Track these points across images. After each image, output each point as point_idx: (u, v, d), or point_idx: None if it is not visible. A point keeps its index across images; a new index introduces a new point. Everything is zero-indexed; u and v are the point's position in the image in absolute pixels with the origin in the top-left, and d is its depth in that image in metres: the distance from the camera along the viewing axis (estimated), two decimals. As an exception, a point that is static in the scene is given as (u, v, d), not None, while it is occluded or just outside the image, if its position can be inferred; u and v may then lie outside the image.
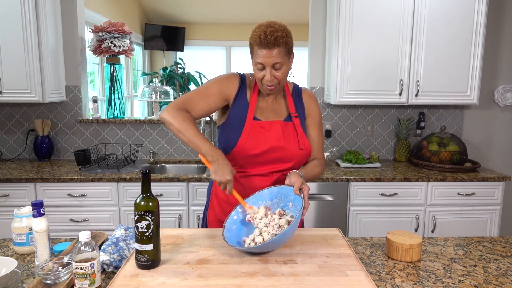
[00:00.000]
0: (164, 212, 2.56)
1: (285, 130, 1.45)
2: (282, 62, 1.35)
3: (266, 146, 1.42)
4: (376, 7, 2.66)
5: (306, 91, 1.57)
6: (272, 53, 1.32)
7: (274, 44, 1.31)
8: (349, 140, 3.16)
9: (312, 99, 1.56)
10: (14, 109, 3.05)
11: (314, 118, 1.55)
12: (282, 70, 1.37)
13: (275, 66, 1.35)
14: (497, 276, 1.20)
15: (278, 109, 1.50)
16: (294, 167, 1.47)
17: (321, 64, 3.09)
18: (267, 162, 1.44)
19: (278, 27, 1.33)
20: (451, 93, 2.77)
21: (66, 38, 2.98)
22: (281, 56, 1.34)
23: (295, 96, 1.53)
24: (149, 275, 1.09)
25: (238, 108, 1.45)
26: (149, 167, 1.12)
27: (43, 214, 1.23)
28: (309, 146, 1.48)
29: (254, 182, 1.46)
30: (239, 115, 1.44)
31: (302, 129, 1.48)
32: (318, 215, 2.58)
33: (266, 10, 6.57)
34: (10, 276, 1.09)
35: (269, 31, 1.31)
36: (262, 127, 1.43)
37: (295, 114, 1.49)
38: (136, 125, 3.10)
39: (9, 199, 2.51)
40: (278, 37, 1.31)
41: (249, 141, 1.41)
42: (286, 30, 1.35)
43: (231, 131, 1.44)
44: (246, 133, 1.41)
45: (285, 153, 1.44)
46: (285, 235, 1.15)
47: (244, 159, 1.44)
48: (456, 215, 2.64)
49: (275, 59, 1.33)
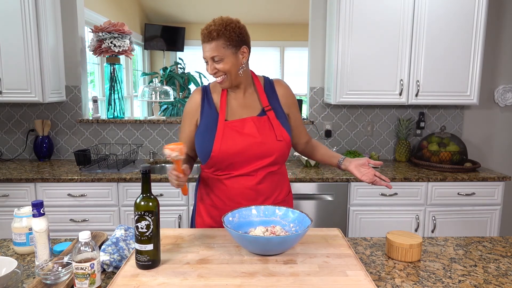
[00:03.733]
0: (164, 212, 2.56)
1: (259, 125, 1.45)
2: (220, 56, 1.38)
3: (242, 144, 1.41)
4: (376, 7, 2.66)
5: (278, 81, 1.57)
6: (208, 46, 1.38)
7: (209, 38, 1.36)
8: (349, 140, 3.16)
9: (286, 89, 1.57)
10: (14, 109, 3.05)
11: (293, 106, 1.57)
12: (224, 63, 1.39)
13: (214, 58, 1.39)
14: (497, 276, 1.19)
15: (251, 104, 1.50)
16: (277, 161, 1.47)
17: (321, 64, 3.09)
18: (248, 160, 1.43)
19: (216, 21, 1.38)
20: (451, 93, 2.77)
21: (66, 38, 2.98)
22: (218, 49, 1.37)
23: (268, 89, 1.53)
24: (149, 275, 1.09)
25: (207, 114, 1.48)
26: (149, 167, 1.12)
27: (43, 214, 1.23)
28: (288, 137, 1.47)
29: (239, 182, 1.45)
30: (209, 120, 1.46)
31: (278, 121, 1.47)
32: (318, 215, 2.58)
33: (266, 10, 6.58)
34: (10, 276, 1.09)
35: (207, 26, 1.38)
36: (235, 127, 1.43)
37: (269, 108, 1.49)
38: (136, 125, 3.10)
39: (9, 199, 2.51)
40: (212, 30, 1.36)
41: (224, 143, 1.41)
42: (226, 24, 1.37)
43: (204, 136, 1.44)
44: (219, 136, 1.41)
45: (264, 148, 1.43)
46: (298, 237, 1.16)
47: (224, 162, 1.43)
48: (456, 215, 2.64)
49: (212, 52, 1.37)
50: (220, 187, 1.47)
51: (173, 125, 3.11)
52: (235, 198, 1.46)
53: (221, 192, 1.48)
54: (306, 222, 1.28)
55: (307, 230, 1.24)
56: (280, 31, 7.14)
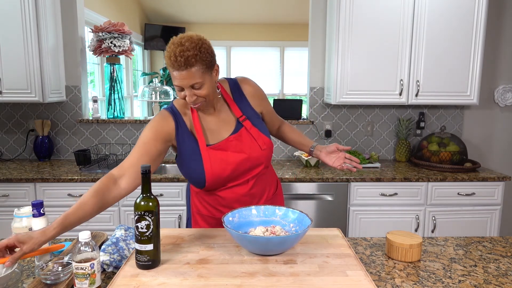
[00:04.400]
0: (164, 212, 2.56)
1: (241, 140, 1.41)
2: (201, 82, 1.25)
3: (232, 165, 1.39)
4: (376, 7, 2.66)
5: (242, 80, 1.50)
6: (186, 74, 1.22)
7: (186, 65, 1.21)
8: (349, 140, 3.16)
9: (252, 86, 1.50)
10: (14, 109, 3.05)
11: (262, 101, 1.53)
12: (203, 88, 1.27)
13: (194, 86, 1.26)
14: (497, 276, 1.20)
15: (225, 118, 1.43)
16: (266, 166, 1.48)
17: (321, 64, 3.09)
18: (240, 174, 1.43)
19: (188, 44, 1.21)
20: (451, 93, 2.77)
21: (66, 38, 2.98)
22: (198, 75, 1.24)
23: (236, 95, 1.46)
24: (149, 275, 1.09)
25: (185, 142, 1.38)
26: (149, 167, 1.12)
27: (43, 214, 1.23)
28: (269, 141, 1.45)
29: (234, 191, 1.45)
30: (190, 148, 1.38)
31: (256, 129, 1.43)
32: (318, 215, 2.58)
33: (266, 10, 6.58)
34: (10, 276, 1.09)
35: (179, 51, 1.20)
36: (219, 151, 1.38)
37: (243, 117, 1.43)
38: (136, 125, 3.10)
39: (9, 199, 2.51)
40: (189, 56, 1.20)
41: (215, 167, 1.36)
42: (199, 46, 1.23)
43: (191, 165, 1.38)
44: (208, 165, 1.36)
45: (251, 162, 1.42)
46: (298, 237, 1.16)
47: (220, 183, 1.41)
48: (456, 215, 2.64)
49: (191, 80, 1.24)
50: (215, 198, 1.46)
51: (173, 125, 3.10)
52: (231, 205, 1.46)
53: (217, 202, 1.47)
54: (306, 222, 1.28)
55: (307, 230, 1.24)
56: (280, 31, 7.14)
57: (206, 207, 1.50)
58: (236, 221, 1.33)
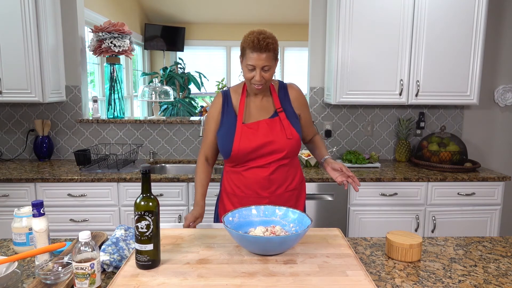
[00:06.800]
0: (164, 212, 2.56)
1: (271, 126, 1.63)
2: (270, 65, 1.54)
3: (256, 143, 1.60)
4: (376, 7, 2.66)
5: (291, 85, 1.74)
6: (263, 56, 1.51)
7: (266, 49, 1.51)
8: (349, 140, 3.16)
9: (297, 92, 1.73)
10: (14, 109, 3.05)
11: (304, 107, 1.75)
12: (270, 72, 1.56)
13: (264, 68, 1.54)
14: (497, 276, 1.20)
15: (266, 106, 1.68)
16: (287, 156, 1.65)
17: (321, 64, 3.09)
18: (263, 155, 1.62)
19: (269, 34, 1.53)
20: (451, 93, 2.77)
21: (66, 38, 2.98)
22: (269, 60, 1.53)
23: (281, 93, 1.71)
24: (149, 275, 1.09)
25: (227, 118, 1.66)
26: (149, 167, 1.12)
27: (43, 214, 1.23)
28: (297, 134, 1.65)
29: (255, 173, 1.64)
30: (229, 123, 1.65)
31: (288, 121, 1.65)
32: (318, 215, 2.58)
33: (266, 10, 6.58)
34: (10, 276, 1.09)
35: (262, 37, 1.50)
36: (250, 129, 1.62)
37: (281, 109, 1.66)
38: (136, 125, 3.10)
39: (9, 199, 2.51)
40: (269, 43, 1.51)
41: (242, 143, 1.60)
42: (275, 38, 1.55)
43: (225, 137, 1.64)
44: (238, 137, 1.61)
45: (275, 146, 1.61)
46: (298, 237, 1.16)
47: (242, 158, 1.63)
48: (456, 215, 2.64)
49: (265, 62, 1.52)
50: (239, 178, 1.67)
51: (173, 125, 3.11)
52: (251, 186, 1.64)
53: (240, 182, 1.66)
54: (306, 222, 1.28)
55: (307, 230, 1.25)
56: (280, 31, 7.13)
57: (231, 185, 1.70)
58: (236, 221, 1.33)
